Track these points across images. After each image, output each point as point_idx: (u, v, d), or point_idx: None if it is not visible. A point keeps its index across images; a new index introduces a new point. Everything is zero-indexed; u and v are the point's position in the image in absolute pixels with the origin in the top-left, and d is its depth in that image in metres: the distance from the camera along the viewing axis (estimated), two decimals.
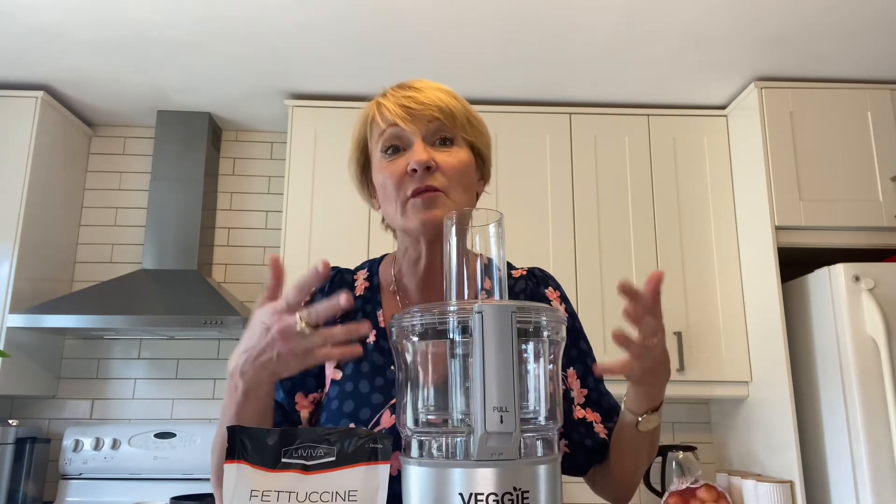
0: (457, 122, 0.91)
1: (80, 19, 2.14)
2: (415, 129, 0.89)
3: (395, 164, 0.90)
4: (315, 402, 0.95)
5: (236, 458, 0.63)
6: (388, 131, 0.91)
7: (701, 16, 2.12)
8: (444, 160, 0.89)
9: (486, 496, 0.56)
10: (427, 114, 0.89)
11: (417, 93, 0.91)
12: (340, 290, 1.00)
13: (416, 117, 0.89)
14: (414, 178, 0.88)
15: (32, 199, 2.51)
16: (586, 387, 0.99)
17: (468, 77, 2.51)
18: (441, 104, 0.90)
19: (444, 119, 0.90)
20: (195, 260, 2.66)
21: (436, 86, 0.94)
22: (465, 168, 0.92)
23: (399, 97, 0.91)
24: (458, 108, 0.92)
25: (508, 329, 0.58)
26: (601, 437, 0.96)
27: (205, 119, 2.79)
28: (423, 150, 0.88)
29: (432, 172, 0.88)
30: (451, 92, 0.94)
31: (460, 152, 0.92)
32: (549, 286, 1.04)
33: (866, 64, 2.40)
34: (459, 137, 0.92)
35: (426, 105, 0.89)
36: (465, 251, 0.69)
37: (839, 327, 2.10)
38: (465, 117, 0.93)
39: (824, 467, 2.16)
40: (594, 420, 0.97)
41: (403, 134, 0.90)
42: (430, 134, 0.90)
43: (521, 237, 2.50)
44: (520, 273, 1.04)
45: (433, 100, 0.90)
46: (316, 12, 2.11)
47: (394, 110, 0.90)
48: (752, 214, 2.47)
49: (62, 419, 2.69)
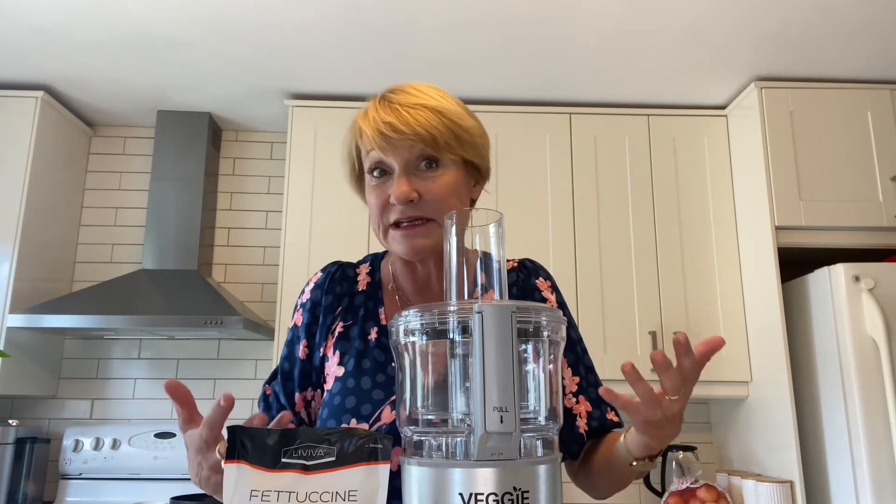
0: (440, 145, 0.87)
1: (80, 19, 2.14)
2: (395, 158, 0.87)
3: (379, 191, 0.89)
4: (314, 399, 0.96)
5: (236, 458, 0.63)
6: (371, 154, 0.90)
7: (701, 16, 2.12)
8: (428, 188, 0.87)
9: (486, 496, 0.56)
10: (406, 143, 0.86)
11: (397, 115, 0.86)
12: (341, 284, 1.00)
13: (396, 146, 0.86)
14: (395, 208, 0.87)
15: (32, 199, 2.51)
16: (577, 374, 1.00)
17: (468, 77, 2.51)
18: (420, 130, 0.85)
19: (424, 146, 0.86)
20: (195, 260, 2.66)
21: (420, 100, 0.88)
22: (452, 190, 0.89)
23: (378, 122, 0.87)
24: (441, 129, 0.87)
25: (508, 329, 0.58)
26: (579, 432, 0.97)
27: (205, 119, 2.79)
28: (404, 184, 0.86)
29: (416, 203, 0.87)
30: (437, 106, 0.88)
31: (446, 175, 0.89)
32: (540, 276, 1.04)
33: (866, 64, 2.40)
34: (445, 157, 0.89)
35: (404, 134, 0.85)
36: (465, 251, 0.69)
37: (839, 327, 2.10)
38: (452, 134, 0.88)
39: (824, 467, 2.16)
40: (580, 412, 0.98)
41: (385, 160, 0.88)
42: (413, 159, 0.88)
43: (521, 237, 2.50)
44: (511, 265, 1.04)
45: (412, 125, 0.85)
46: (316, 12, 2.10)
47: (373, 138, 0.87)
48: (752, 214, 2.47)
49: (62, 419, 2.69)
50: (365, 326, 0.96)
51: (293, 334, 0.99)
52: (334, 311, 0.98)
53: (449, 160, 0.89)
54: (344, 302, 0.99)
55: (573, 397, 0.98)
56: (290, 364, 0.98)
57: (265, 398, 0.99)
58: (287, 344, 1.00)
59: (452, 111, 0.90)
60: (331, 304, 0.98)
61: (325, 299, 0.98)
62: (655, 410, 0.73)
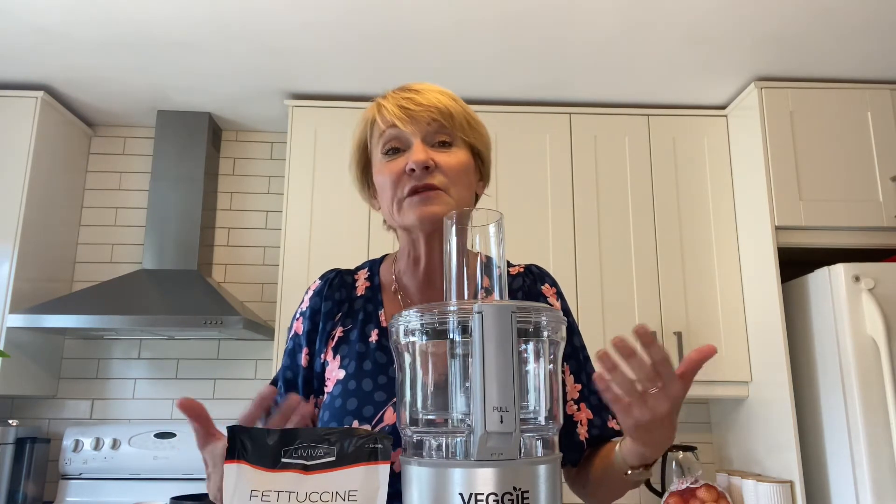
0: (455, 124, 0.92)
1: (80, 19, 2.14)
2: (414, 129, 0.90)
3: (394, 164, 0.91)
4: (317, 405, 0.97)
5: (236, 458, 0.63)
6: (387, 132, 0.92)
7: (701, 16, 2.12)
8: (444, 160, 0.90)
9: (486, 496, 0.56)
10: (426, 115, 0.91)
11: (417, 94, 0.92)
12: (340, 290, 1.01)
13: (415, 119, 0.90)
14: (412, 177, 0.89)
15: (32, 199, 2.51)
16: (580, 382, 1.00)
17: (468, 77, 2.51)
18: (440, 105, 0.91)
19: (443, 120, 0.91)
20: (195, 260, 2.66)
21: (435, 88, 0.95)
22: (465, 168, 0.93)
23: (399, 99, 0.92)
24: (458, 110, 0.93)
25: (508, 329, 0.58)
26: (579, 440, 0.96)
27: (205, 119, 2.79)
28: (422, 150, 0.89)
29: (431, 171, 0.89)
30: (451, 94, 0.95)
31: (459, 153, 0.93)
32: (546, 282, 1.05)
33: (866, 64, 2.40)
34: (458, 139, 0.93)
35: (425, 106, 0.91)
36: (465, 251, 0.70)
37: (839, 327, 2.10)
38: (465, 118, 0.94)
39: (824, 467, 2.16)
40: (580, 420, 0.97)
41: (403, 135, 0.91)
42: (429, 135, 0.91)
43: (521, 237, 2.50)
44: (517, 270, 1.04)
45: (432, 101, 0.91)
46: (316, 13, 2.10)
47: (393, 111, 0.91)
48: (752, 214, 2.47)
49: (62, 419, 2.69)
50: (365, 329, 0.96)
51: (294, 343, 1.00)
52: (334, 318, 0.98)
53: (461, 142, 0.94)
54: (343, 308, 0.99)
55: (574, 404, 0.98)
56: (292, 373, 0.98)
57: None
58: (288, 353, 1.00)
59: (464, 103, 0.96)
60: (330, 311, 0.98)
61: (324, 306, 0.99)
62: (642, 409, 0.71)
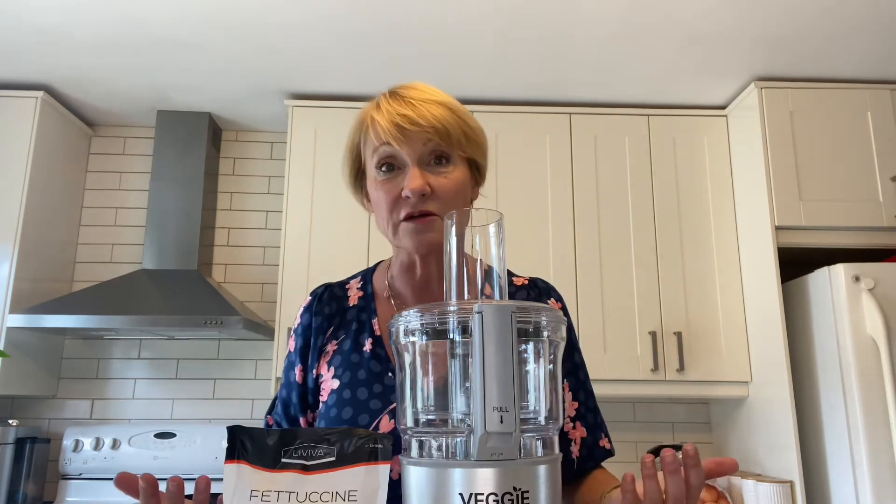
0: (453, 141, 0.88)
1: (80, 19, 2.14)
2: (409, 151, 0.87)
3: (389, 185, 0.88)
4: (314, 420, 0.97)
5: (236, 458, 0.63)
6: (381, 149, 0.89)
7: (701, 15, 2.12)
8: (440, 184, 0.87)
9: (486, 496, 0.56)
10: (422, 136, 0.87)
11: (412, 108, 0.87)
12: (329, 304, 1.00)
13: (411, 138, 0.87)
14: (408, 203, 0.87)
15: (32, 199, 2.51)
16: (577, 400, 0.99)
17: (468, 77, 2.51)
18: (436, 123, 0.87)
19: (439, 139, 0.87)
20: (195, 260, 2.66)
21: (431, 97, 0.90)
22: (460, 188, 0.90)
23: (393, 114, 0.88)
24: (455, 124, 0.89)
25: (508, 329, 0.58)
26: (572, 458, 0.96)
27: (205, 119, 2.79)
28: (418, 177, 0.86)
29: (427, 198, 0.87)
30: (447, 102, 0.91)
31: (456, 171, 0.90)
32: (552, 297, 1.03)
33: (866, 64, 2.40)
34: (455, 155, 0.90)
35: (421, 126, 0.86)
36: (465, 254, 0.69)
37: (839, 327, 2.10)
38: (462, 133, 0.90)
39: (824, 467, 2.16)
40: (574, 438, 0.97)
41: (398, 154, 0.88)
42: (425, 154, 0.88)
43: (520, 237, 2.50)
44: (522, 282, 1.03)
45: (428, 119, 0.87)
46: (316, 12, 2.10)
47: (388, 129, 0.87)
48: (752, 214, 2.47)
49: (62, 419, 2.69)
50: (359, 339, 0.96)
51: (289, 360, 1.00)
52: (325, 332, 0.98)
53: (458, 157, 0.90)
54: (335, 321, 0.99)
55: (570, 422, 0.97)
56: (287, 391, 0.99)
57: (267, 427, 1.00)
58: (284, 372, 1.01)
59: (461, 110, 0.92)
60: (320, 326, 0.98)
61: (314, 321, 0.99)
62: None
